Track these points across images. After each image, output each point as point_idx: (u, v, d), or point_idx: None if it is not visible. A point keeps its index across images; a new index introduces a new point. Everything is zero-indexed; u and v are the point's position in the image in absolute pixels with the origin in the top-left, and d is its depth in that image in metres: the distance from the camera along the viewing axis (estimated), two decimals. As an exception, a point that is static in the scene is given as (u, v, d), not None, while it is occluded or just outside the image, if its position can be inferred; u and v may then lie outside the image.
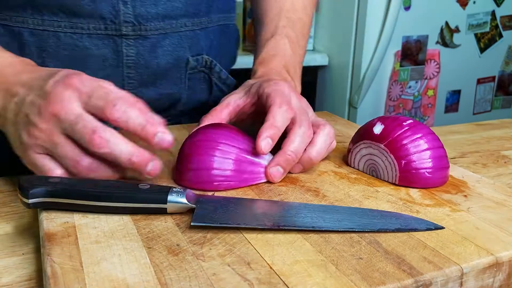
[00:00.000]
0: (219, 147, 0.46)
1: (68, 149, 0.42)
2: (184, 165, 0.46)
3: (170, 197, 0.39)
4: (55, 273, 0.32)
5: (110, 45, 0.60)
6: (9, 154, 0.66)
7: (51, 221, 0.38)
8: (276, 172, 0.47)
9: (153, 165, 0.43)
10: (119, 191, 0.40)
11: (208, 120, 0.52)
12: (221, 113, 0.53)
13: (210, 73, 0.70)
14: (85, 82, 0.43)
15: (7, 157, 0.66)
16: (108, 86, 0.43)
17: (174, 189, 0.40)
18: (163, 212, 0.40)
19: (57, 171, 0.44)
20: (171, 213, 0.40)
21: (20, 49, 0.58)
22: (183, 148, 0.47)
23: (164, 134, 0.43)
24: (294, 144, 0.47)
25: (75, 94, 0.42)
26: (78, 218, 0.39)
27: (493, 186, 0.47)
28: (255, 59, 0.67)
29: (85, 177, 0.43)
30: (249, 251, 0.34)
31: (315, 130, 0.50)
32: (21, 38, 0.58)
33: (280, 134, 0.47)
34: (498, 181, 0.58)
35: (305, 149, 0.49)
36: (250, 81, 0.58)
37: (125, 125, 0.42)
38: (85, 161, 0.42)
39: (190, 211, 0.40)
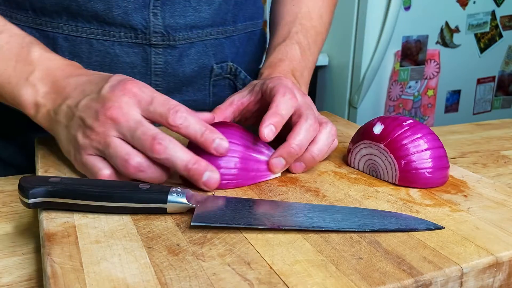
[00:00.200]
0: None
1: (119, 149, 0.43)
2: None
3: (170, 197, 0.39)
4: (55, 273, 0.32)
5: (140, 53, 0.61)
6: (9, 153, 0.67)
7: (51, 221, 0.38)
8: (278, 163, 0.47)
9: (209, 176, 0.43)
10: (119, 191, 0.40)
11: None
12: (225, 111, 0.54)
13: (235, 80, 0.71)
14: (142, 89, 0.45)
15: (8, 157, 0.67)
16: (163, 95, 0.45)
17: (174, 189, 0.40)
18: (163, 212, 0.40)
19: (106, 171, 0.44)
20: (171, 213, 0.40)
21: None
22: (189, 147, 0.47)
23: (221, 140, 0.44)
24: (299, 137, 0.47)
25: (134, 100, 0.44)
26: (78, 218, 0.39)
27: (493, 186, 0.47)
28: (264, 62, 0.68)
29: (134, 177, 0.44)
30: (249, 251, 0.35)
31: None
32: (55, 43, 0.60)
33: (283, 122, 0.47)
34: (498, 181, 0.58)
35: (307, 147, 0.49)
36: (254, 81, 0.58)
37: (186, 131, 0.44)
38: (135, 161, 0.43)
39: (190, 211, 0.40)
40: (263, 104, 0.52)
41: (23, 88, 0.49)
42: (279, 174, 0.49)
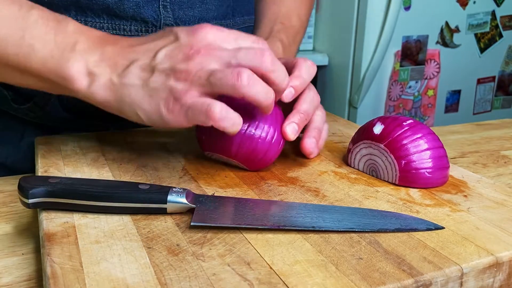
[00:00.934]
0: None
1: (227, 70, 0.42)
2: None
3: (170, 197, 0.39)
4: (55, 273, 0.32)
5: None
6: (9, 153, 0.67)
7: (50, 221, 0.38)
8: (292, 129, 0.49)
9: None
10: (119, 191, 0.40)
11: None
12: None
13: None
14: (219, 28, 0.45)
15: (8, 157, 0.67)
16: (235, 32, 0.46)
17: (174, 189, 0.40)
18: (163, 212, 0.40)
19: (217, 104, 0.42)
20: (171, 213, 0.40)
21: None
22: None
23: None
24: (304, 106, 0.50)
25: (220, 36, 0.44)
26: (78, 218, 0.39)
27: (493, 186, 0.47)
28: None
29: (247, 92, 0.42)
30: (249, 251, 0.34)
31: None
32: None
33: (304, 85, 0.50)
34: (498, 181, 0.58)
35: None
36: None
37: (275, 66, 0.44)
38: (246, 73, 0.42)
39: (190, 211, 0.40)
40: None
41: (70, 59, 0.46)
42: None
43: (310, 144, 0.51)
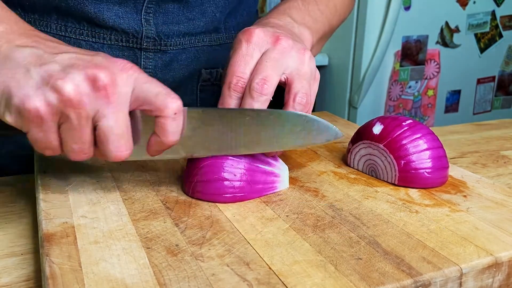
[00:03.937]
0: (229, 157, 0.43)
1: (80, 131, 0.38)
2: (193, 177, 0.43)
3: None
4: (54, 273, 0.32)
5: (130, 56, 0.60)
6: (9, 155, 0.66)
7: (50, 221, 0.38)
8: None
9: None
10: None
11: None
12: None
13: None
14: None
15: (7, 157, 0.67)
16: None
17: None
18: None
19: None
20: (169, 211, 0.40)
21: None
22: (192, 159, 0.44)
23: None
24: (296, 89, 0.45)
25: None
26: (77, 218, 0.39)
27: (493, 186, 0.47)
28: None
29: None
30: (248, 251, 0.34)
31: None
32: None
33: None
34: (497, 181, 0.58)
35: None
36: None
37: None
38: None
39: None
40: None
41: None
42: (287, 186, 0.46)
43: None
